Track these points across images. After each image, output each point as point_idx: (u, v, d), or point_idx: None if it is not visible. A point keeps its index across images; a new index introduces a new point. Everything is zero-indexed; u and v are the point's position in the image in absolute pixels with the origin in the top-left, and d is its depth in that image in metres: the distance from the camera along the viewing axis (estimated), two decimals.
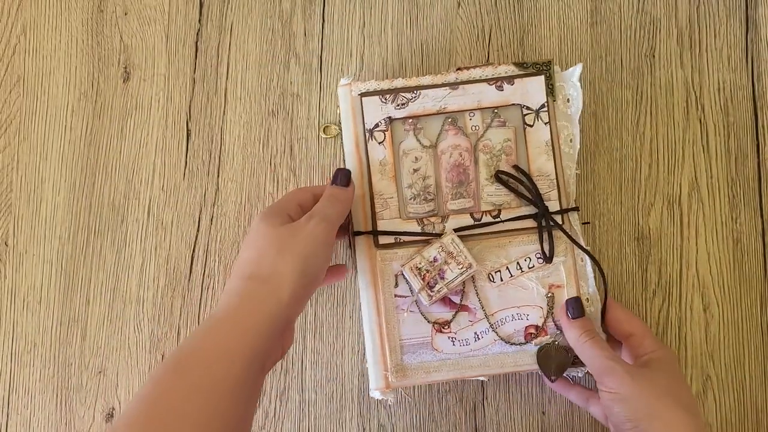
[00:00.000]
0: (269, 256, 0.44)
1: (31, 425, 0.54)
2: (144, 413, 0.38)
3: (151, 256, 0.55)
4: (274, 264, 0.44)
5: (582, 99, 0.53)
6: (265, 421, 0.54)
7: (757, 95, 0.57)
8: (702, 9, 0.58)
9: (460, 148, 0.53)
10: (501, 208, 0.52)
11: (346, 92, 0.53)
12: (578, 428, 0.54)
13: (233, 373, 0.40)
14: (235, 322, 0.42)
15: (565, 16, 0.58)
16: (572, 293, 0.51)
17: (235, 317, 0.42)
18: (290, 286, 0.43)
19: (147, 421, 0.38)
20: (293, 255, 0.44)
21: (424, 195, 0.53)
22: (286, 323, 0.44)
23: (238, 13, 0.58)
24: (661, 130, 0.56)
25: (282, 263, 0.44)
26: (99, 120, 0.57)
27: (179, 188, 0.56)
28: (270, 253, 0.44)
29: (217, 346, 0.41)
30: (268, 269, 0.44)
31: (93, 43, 0.57)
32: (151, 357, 0.54)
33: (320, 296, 0.55)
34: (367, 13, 0.58)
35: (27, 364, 0.54)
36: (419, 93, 0.52)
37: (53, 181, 0.56)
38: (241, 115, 0.57)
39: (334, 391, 0.54)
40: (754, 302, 0.55)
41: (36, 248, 0.55)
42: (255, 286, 0.43)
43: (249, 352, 0.41)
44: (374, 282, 0.51)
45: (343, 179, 0.49)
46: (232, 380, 0.40)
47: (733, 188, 0.56)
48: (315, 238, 0.45)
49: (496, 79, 0.53)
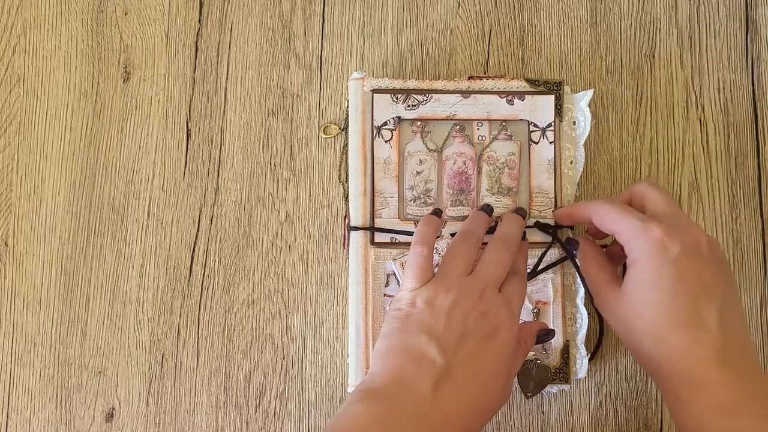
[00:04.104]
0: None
1: (31, 425, 0.54)
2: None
3: (151, 256, 0.55)
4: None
5: (590, 125, 0.53)
6: (265, 421, 0.54)
7: (757, 95, 0.57)
8: (702, 9, 0.58)
9: (465, 156, 0.53)
10: (498, 220, 0.52)
11: (358, 86, 0.53)
12: (578, 428, 0.54)
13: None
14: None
15: (565, 16, 0.58)
16: (557, 312, 0.51)
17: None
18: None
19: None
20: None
21: (424, 198, 0.53)
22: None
23: (238, 13, 0.58)
24: (661, 130, 0.56)
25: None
26: (99, 120, 0.57)
27: (179, 188, 0.56)
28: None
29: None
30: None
31: (93, 43, 0.57)
32: (151, 357, 0.54)
33: (320, 296, 0.55)
34: (367, 13, 0.58)
35: (27, 364, 0.54)
36: (431, 96, 0.53)
37: (53, 181, 0.56)
38: (241, 115, 0.57)
39: (334, 391, 0.54)
40: (754, 302, 0.55)
41: (36, 248, 0.55)
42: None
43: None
44: (365, 279, 0.52)
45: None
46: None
47: (733, 188, 0.56)
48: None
49: (508, 93, 0.53)
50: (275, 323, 0.54)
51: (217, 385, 0.54)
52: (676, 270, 0.40)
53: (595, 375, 0.54)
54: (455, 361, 0.40)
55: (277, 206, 0.56)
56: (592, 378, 0.54)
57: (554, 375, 0.51)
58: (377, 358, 0.42)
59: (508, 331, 0.42)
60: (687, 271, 0.40)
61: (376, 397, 0.39)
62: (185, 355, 0.54)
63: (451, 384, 0.40)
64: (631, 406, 0.54)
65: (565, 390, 0.53)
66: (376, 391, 0.39)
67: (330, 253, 0.55)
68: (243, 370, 0.54)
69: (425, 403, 0.39)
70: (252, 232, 0.55)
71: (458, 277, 0.43)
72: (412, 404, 0.39)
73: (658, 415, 0.54)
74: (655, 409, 0.54)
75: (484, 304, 0.42)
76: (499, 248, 0.46)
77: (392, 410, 0.38)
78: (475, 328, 0.41)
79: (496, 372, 0.41)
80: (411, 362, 0.40)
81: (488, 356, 0.41)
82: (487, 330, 0.41)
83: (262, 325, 0.54)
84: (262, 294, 0.55)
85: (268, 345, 0.54)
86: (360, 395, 0.39)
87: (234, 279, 0.55)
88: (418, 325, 0.41)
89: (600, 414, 0.54)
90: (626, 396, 0.54)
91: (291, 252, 0.55)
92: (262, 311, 0.55)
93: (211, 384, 0.54)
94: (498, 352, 0.42)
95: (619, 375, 0.54)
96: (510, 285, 0.45)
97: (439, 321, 0.41)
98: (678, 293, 0.39)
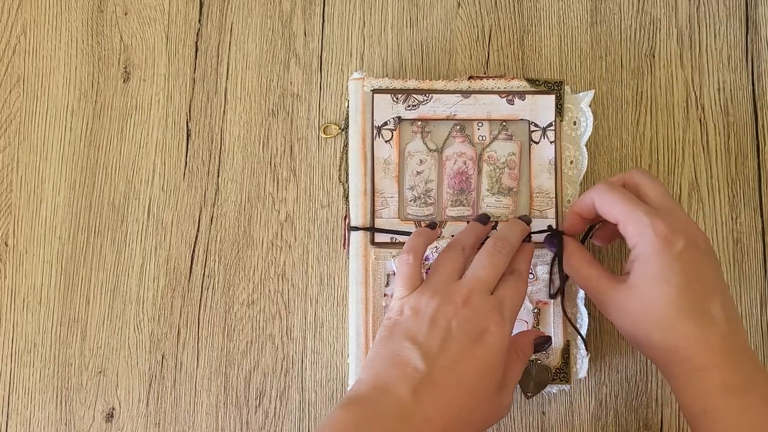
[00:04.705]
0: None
1: (31, 425, 0.54)
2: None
3: (151, 256, 0.55)
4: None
5: (592, 125, 0.53)
6: (265, 421, 0.54)
7: (757, 95, 0.57)
8: (702, 9, 0.58)
9: (465, 156, 0.53)
10: (499, 220, 0.52)
11: (358, 86, 0.53)
12: (578, 428, 0.54)
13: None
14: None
15: (565, 16, 0.58)
16: (558, 312, 0.51)
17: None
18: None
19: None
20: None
21: (424, 198, 0.53)
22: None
23: (238, 13, 0.58)
24: (661, 130, 0.56)
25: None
26: (99, 120, 0.56)
27: (179, 188, 0.56)
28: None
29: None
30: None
31: (93, 43, 0.57)
32: (151, 357, 0.54)
33: (320, 296, 0.55)
34: (367, 13, 0.58)
35: (27, 364, 0.54)
36: (431, 96, 0.53)
37: (53, 181, 0.56)
38: (241, 115, 0.57)
39: (334, 391, 0.54)
40: (754, 302, 0.55)
41: (36, 248, 0.55)
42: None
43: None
44: (365, 279, 0.51)
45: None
46: None
47: (733, 188, 0.56)
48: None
49: (508, 93, 0.53)
50: (275, 323, 0.54)
51: (217, 386, 0.54)
52: (681, 264, 0.42)
53: (595, 375, 0.54)
54: (438, 365, 0.40)
55: (277, 206, 0.56)
56: (592, 378, 0.54)
57: (555, 375, 0.51)
58: (364, 366, 0.43)
59: (496, 335, 0.42)
60: (690, 266, 0.42)
61: (358, 403, 0.40)
62: (185, 355, 0.54)
63: (433, 388, 0.40)
64: (631, 406, 0.54)
65: (565, 390, 0.53)
66: (358, 397, 0.40)
67: (330, 253, 0.55)
68: (243, 370, 0.54)
69: (406, 406, 0.39)
70: (252, 232, 0.55)
71: (445, 283, 0.44)
72: (392, 408, 0.39)
73: (658, 415, 0.54)
74: (655, 409, 0.54)
75: (468, 308, 0.42)
76: (491, 251, 0.45)
77: (372, 414, 0.39)
78: (459, 332, 0.41)
79: (484, 376, 0.41)
80: (394, 368, 0.41)
81: (474, 360, 0.41)
82: (473, 334, 0.41)
83: (262, 325, 0.54)
84: (262, 294, 0.55)
85: (268, 345, 0.54)
86: (343, 402, 0.40)
87: (234, 279, 0.55)
88: (404, 332, 0.42)
89: (600, 414, 0.54)
90: (626, 396, 0.54)
91: (291, 252, 0.55)
92: (262, 311, 0.55)
93: (211, 384, 0.54)
94: (485, 356, 0.41)
95: (619, 375, 0.54)
96: (504, 286, 0.44)
97: (422, 327, 0.42)
98: (685, 286, 0.41)
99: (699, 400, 0.41)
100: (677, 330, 0.41)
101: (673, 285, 0.41)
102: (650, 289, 0.42)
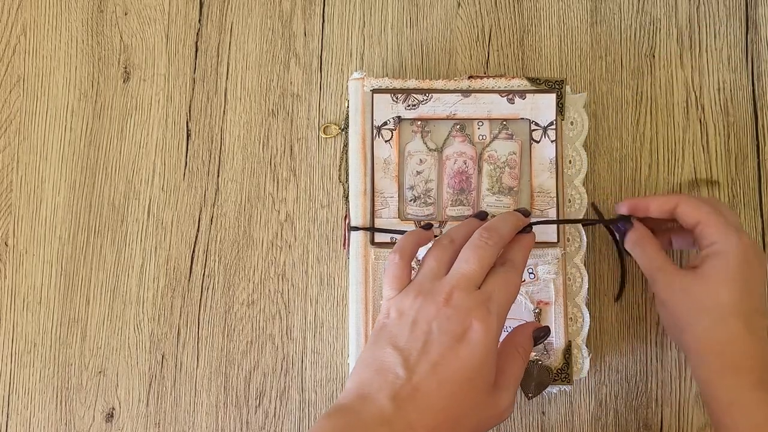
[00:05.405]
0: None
1: (31, 425, 0.54)
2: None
3: (151, 256, 0.55)
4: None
5: (587, 126, 0.53)
6: (265, 421, 0.54)
7: (757, 95, 0.57)
8: (702, 9, 0.58)
9: (465, 155, 0.53)
10: None
11: (358, 86, 0.53)
12: (578, 428, 0.54)
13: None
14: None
15: (565, 16, 0.58)
16: (559, 312, 0.51)
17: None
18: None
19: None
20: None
21: (424, 198, 0.53)
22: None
23: (238, 13, 0.58)
24: (661, 130, 0.56)
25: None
26: (99, 120, 0.57)
27: (179, 188, 0.56)
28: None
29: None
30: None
31: (93, 43, 0.57)
32: (151, 357, 0.54)
33: (320, 296, 0.55)
34: (367, 13, 0.58)
35: (27, 364, 0.54)
36: (431, 96, 0.52)
37: (53, 181, 0.56)
38: (241, 115, 0.57)
39: (334, 391, 0.54)
40: None
41: (36, 248, 0.55)
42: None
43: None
44: (365, 279, 0.51)
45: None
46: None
47: (733, 188, 0.56)
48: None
49: (508, 92, 0.53)
50: (275, 323, 0.54)
51: (217, 386, 0.54)
52: (754, 277, 0.47)
53: (595, 375, 0.54)
54: (418, 370, 0.39)
55: (277, 206, 0.56)
56: (592, 378, 0.54)
57: (556, 376, 0.51)
58: (351, 374, 0.42)
59: (481, 332, 0.40)
60: (760, 282, 0.47)
61: (341, 411, 0.40)
62: (185, 355, 0.54)
63: (414, 393, 0.39)
64: (631, 406, 0.54)
65: (566, 390, 0.53)
66: (342, 406, 0.40)
67: (330, 253, 0.55)
68: (243, 371, 0.54)
69: (387, 414, 0.38)
70: (252, 232, 0.55)
71: (430, 281, 0.42)
72: (374, 416, 0.39)
73: (658, 415, 0.54)
74: (655, 409, 0.54)
75: (450, 307, 0.41)
76: (477, 243, 0.43)
77: (356, 422, 0.38)
78: (440, 333, 0.40)
79: (470, 376, 0.40)
80: (376, 375, 0.40)
81: (457, 361, 0.40)
82: (455, 333, 0.40)
83: (262, 325, 0.54)
84: (262, 294, 0.55)
85: (268, 345, 0.54)
86: (328, 411, 0.40)
87: (234, 279, 0.55)
88: (388, 337, 0.41)
89: (600, 414, 0.54)
90: (626, 396, 0.54)
91: (291, 252, 0.55)
92: (262, 311, 0.55)
93: (211, 384, 0.54)
94: (469, 356, 0.40)
95: (619, 375, 0.54)
96: (492, 279, 0.42)
97: (404, 331, 0.41)
98: (751, 293, 0.46)
99: (728, 393, 0.44)
100: (728, 323, 0.45)
101: (742, 287, 0.45)
102: (721, 281, 0.45)
